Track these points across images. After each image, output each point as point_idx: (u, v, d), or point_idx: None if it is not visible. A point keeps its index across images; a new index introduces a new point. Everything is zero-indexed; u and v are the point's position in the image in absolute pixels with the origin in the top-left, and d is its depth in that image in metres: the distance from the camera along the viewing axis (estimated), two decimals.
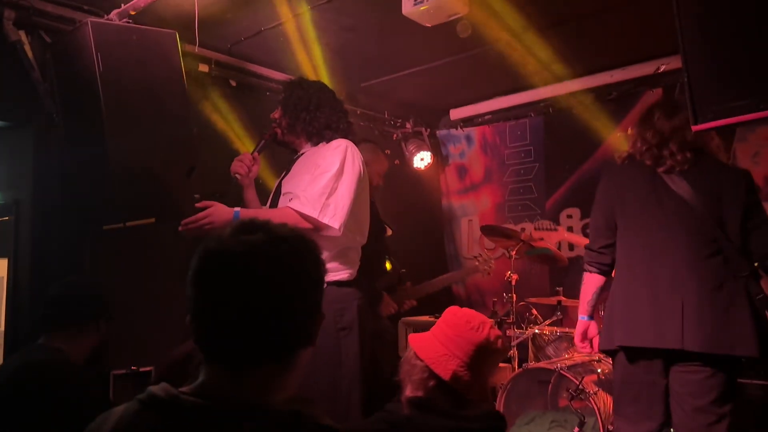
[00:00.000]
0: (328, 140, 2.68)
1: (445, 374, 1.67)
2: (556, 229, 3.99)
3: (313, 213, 2.45)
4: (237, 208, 2.52)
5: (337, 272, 2.58)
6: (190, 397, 1.01)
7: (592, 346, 2.65)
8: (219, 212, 2.45)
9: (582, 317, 2.63)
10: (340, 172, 2.53)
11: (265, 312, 1.04)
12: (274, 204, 2.72)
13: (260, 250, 1.06)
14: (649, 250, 2.40)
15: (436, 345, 1.73)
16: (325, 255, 2.49)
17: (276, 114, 2.80)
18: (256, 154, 2.77)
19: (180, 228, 2.45)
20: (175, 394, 1.01)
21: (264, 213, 2.61)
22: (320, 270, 1.17)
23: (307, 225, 2.46)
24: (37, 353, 2.30)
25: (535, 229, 4.11)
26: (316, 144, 2.73)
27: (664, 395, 2.38)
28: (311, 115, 2.70)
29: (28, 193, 3.18)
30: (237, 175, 2.71)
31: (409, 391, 1.72)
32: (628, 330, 2.38)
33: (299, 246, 1.11)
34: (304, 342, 1.11)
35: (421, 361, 1.71)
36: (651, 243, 2.40)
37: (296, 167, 2.73)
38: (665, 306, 2.30)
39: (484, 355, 1.72)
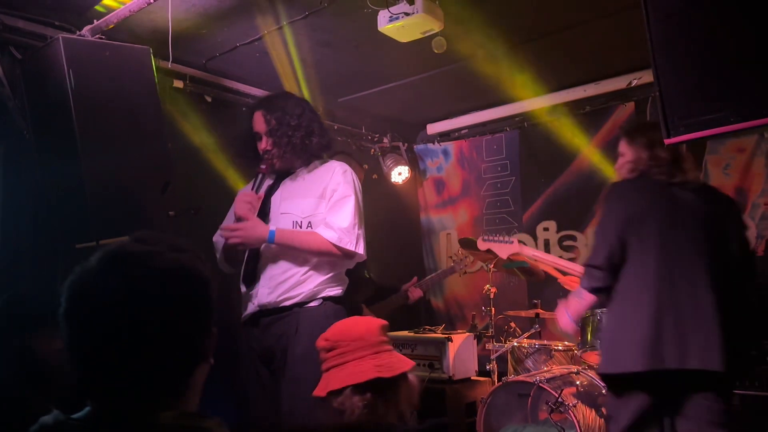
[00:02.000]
0: (320, 157, 2.74)
1: (370, 374, 1.63)
2: (510, 242, 3.46)
3: (350, 246, 2.55)
4: (273, 228, 2.53)
5: (334, 288, 2.64)
6: (77, 423, 1.01)
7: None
8: (252, 230, 2.50)
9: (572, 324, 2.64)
10: (357, 200, 2.63)
11: (131, 352, 1.02)
12: (264, 217, 2.67)
13: (117, 292, 1.03)
14: (669, 270, 2.29)
15: (338, 371, 1.69)
16: (327, 276, 2.57)
17: (268, 147, 2.67)
18: (261, 193, 2.69)
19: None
20: (63, 421, 1.01)
21: (299, 239, 2.56)
22: (193, 297, 1.11)
23: (339, 254, 2.56)
24: None
25: (483, 240, 3.57)
26: (308, 164, 2.71)
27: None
28: (305, 142, 2.66)
29: None
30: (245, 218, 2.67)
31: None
32: (651, 353, 2.21)
33: (159, 281, 1.06)
34: (189, 366, 1.09)
35: (343, 391, 1.65)
36: (671, 263, 2.30)
37: (290, 187, 2.70)
38: (687, 328, 2.22)
39: (383, 331, 1.75)
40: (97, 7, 3.11)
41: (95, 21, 3.08)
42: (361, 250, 2.59)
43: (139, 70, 2.92)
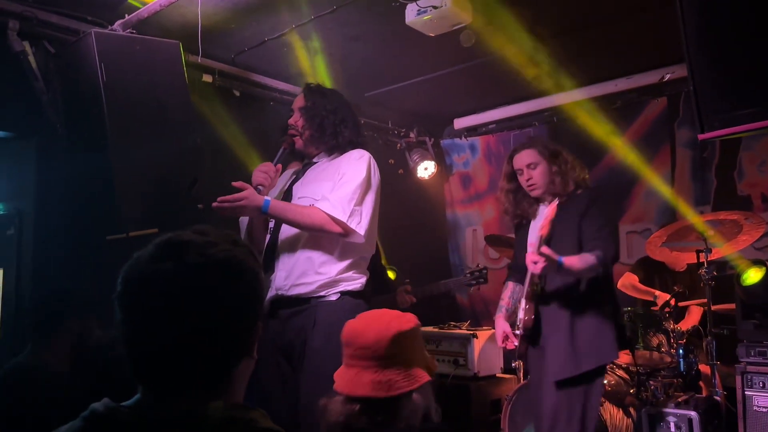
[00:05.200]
0: (345, 151, 2.69)
1: (364, 390, 1.57)
2: None
3: (342, 217, 2.46)
4: (267, 197, 2.52)
5: (352, 282, 2.58)
6: (127, 410, 1.03)
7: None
8: (253, 197, 2.47)
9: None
10: (367, 182, 2.56)
11: (181, 340, 1.03)
12: None
13: (171, 278, 1.04)
14: None
15: (345, 372, 1.65)
16: (343, 264, 2.53)
17: (298, 121, 2.70)
18: (279, 165, 2.70)
19: (215, 204, 2.45)
20: (114, 408, 1.03)
21: (293, 209, 2.54)
22: (245, 290, 1.12)
23: (335, 228, 2.48)
24: (18, 359, 2.47)
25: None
26: (331, 155, 2.71)
27: None
28: (336, 129, 2.66)
29: (31, 204, 3.18)
30: (260, 186, 2.67)
31: None
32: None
33: (213, 271, 1.08)
34: (234, 358, 1.10)
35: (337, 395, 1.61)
36: None
37: (311, 174, 2.70)
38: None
39: (396, 342, 1.62)
40: (131, 1, 3.15)
41: (126, 16, 3.12)
42: (354, 225, 2.48)
43: (169, 64, 2.95)
